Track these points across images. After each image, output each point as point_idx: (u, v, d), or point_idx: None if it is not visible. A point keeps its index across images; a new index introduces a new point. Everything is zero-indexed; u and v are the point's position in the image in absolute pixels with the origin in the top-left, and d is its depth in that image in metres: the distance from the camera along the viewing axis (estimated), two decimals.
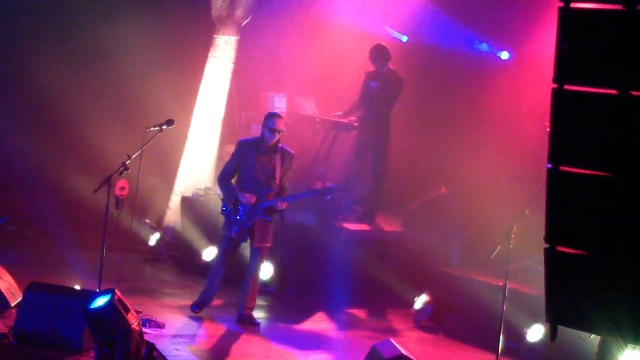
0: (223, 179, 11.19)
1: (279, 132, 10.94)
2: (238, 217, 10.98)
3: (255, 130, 15.11)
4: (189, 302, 11.48)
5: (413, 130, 15.17)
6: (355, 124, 13.90)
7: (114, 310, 8.32)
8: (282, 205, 10.99)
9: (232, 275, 11.81)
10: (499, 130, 14.01)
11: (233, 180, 11.24)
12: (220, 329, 10.90)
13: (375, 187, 13.94)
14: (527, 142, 12.52)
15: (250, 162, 10.99)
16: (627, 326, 4.85)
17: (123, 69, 15.80)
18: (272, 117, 11.03)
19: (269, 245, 11.20)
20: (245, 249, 11.47)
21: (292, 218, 13.21)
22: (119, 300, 8.45)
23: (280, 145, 11.10)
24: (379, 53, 13.75)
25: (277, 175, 11.00)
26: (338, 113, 14.14)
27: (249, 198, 10.91)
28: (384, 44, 13.93)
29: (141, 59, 15.67)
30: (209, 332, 10.74)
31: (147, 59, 15.67)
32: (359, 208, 14.23)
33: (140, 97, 15.42)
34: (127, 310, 8.47)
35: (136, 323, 8.47)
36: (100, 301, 8.36)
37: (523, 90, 13.46)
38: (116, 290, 8.47)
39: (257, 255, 11.15)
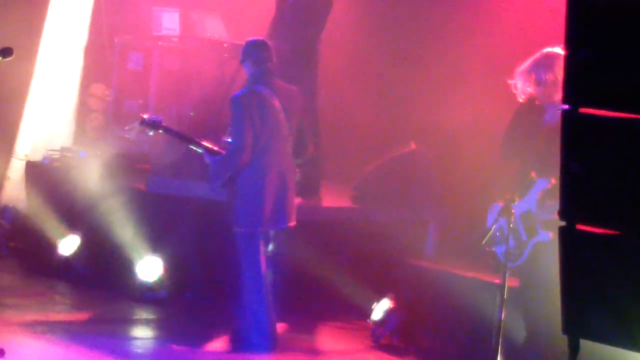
0: None
1: None
2: None
3: (135, 62, 15.01)
4: (38, 316, 11.40)
5: (370, 72, 15.23)
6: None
7: None
8: None
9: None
10: (482, 67, 14.05)
11: None
12: (84, 353, 10.83)
13: (315, 145, 13.83)
14: None
15: None
16: None
17: None
18: None
19: None
20: None
21: (193, 191, 13.14)
22: None
23: None
24: None
25: None
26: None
27: None
28: None
29: None
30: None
31: None
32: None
33: None
34: None
35: None
36: None
37: (509, 19, 13.55)
38: None
39: None
